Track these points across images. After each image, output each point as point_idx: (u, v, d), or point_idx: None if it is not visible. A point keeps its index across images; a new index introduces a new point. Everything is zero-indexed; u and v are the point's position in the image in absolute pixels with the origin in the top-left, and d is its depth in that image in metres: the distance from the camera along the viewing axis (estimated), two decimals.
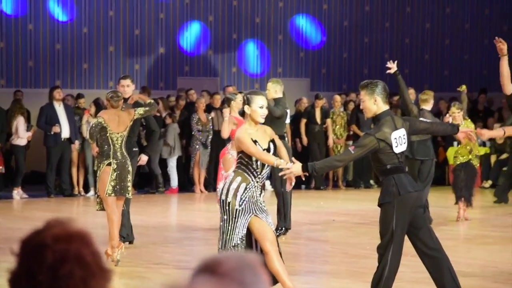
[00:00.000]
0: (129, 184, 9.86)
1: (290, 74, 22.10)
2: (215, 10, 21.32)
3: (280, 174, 7.19)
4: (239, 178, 7.29)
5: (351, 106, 19.25)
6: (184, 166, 18.27)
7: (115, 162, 9.70)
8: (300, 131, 18.45)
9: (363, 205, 15.60)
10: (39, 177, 18.80)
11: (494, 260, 9.68)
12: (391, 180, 6.69)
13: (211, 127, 17.91)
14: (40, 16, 19.71)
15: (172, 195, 17.73)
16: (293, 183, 7.10)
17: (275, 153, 7.45)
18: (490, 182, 18.25)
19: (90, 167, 17.19)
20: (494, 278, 8.72)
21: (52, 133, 16.67)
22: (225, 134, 11.10)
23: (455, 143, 18.57)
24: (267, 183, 17.08)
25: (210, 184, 17.90)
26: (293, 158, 7.16)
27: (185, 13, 21.10)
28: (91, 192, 17.15)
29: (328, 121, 18.71)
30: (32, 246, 2.35)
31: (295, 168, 6.89)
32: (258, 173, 7.29)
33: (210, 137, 17.87)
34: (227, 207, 7.27)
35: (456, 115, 12.45)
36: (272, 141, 7.42)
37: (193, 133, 17.83)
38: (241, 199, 7.24)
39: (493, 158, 18.59)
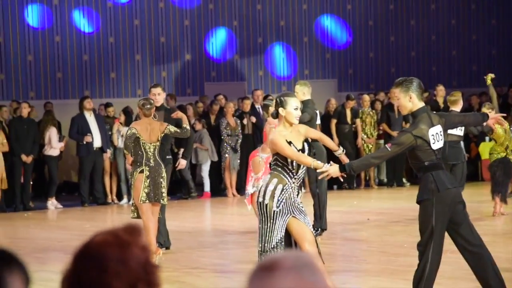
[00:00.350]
0: (164, 190, 9.93)
1: (318, 76, 22.09)
2: (239, 15, 21.36)
3: (319, 177, 7.21)
4: (275, 180, 7.29)
5: (378, 105, 19.19)
6: (216, 171, 18.31)
7: (148, 169, 9.80)
8: (330, 132, 18.42)
9: (397, 204, 15.55)
10: (71, 187, 18.95)
11: None
12: (429, 177, 6.66)
13: (240, 131, 17.95)
14: (66, 28, 19.86)
15: (205, 200, 17.78)
16: (341, 179, 7.09)
17: (310, 153, 7.45)
18: None
19: (122, 175, 17.30)
20: None
21: (84, 143, 16.79)
22: None
23: (487, 138, 18.48)
24: None
25: (242, 187, 17.92)
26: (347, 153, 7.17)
27: (210, 19, 21.16)
28: (125, 200, 17.25)
29: (358, 121, 18.69)
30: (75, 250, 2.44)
31: (333, 169, 6.89)
32: (294, 174, 7.29)
33: (240, 141, 17.92)
34: (264, 209, 7.27)
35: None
36: (306, 140, 7.42)
37: (222, 137, 17.89)
38: (278, 200, 7.24)
39: None
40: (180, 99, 19.71)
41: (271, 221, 7.24)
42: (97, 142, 16.96)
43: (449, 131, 10.11)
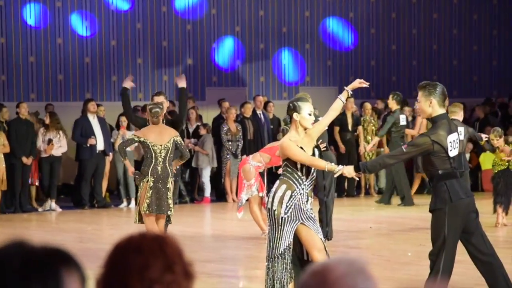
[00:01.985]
0: (170, 201, 9.64)
1: (318, 83, 22.10)
2: (241, 21, 21.36)
3: (335, 175, 7.25)
4: (284, 186, 7.28)
5: (373, 114, 19.14)
6: (216, 176, 18.32)
7: (152, 179, 9.52)
8: (335, 139, 18.38)
9: (397, 212, 15.55)
10: (68, 190, 18.89)
11: None
12: (443, 186, 6.66)
13: (241, 136, 17.94)
14: (68, 30, 19.85)
15: (205, 205, 17.76)
16: (357, 178, 7.28)
17: (320, 158, 7.47)
18: None
19: (121, 179, 17.28)
20: None
21: (88, 145, 16.76)
22: None
23: None
24: None
25: None
26: None
27: (212, 25, 21.15)
28: (124, 204, 17.24)
29: (360, 128, 18.66)
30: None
31: (347, 169, 6.93)
32: (304, 180, 7.27)
33: (241, 146, 17.91)
34: (273, 215, 7.26)
35: (496, 142, 12.67)
36: (317, 147, 7.42)
37: (222, 143, 17.88)
38: (286, 206, 7.22)
39: None
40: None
41: (279, 227, 7.22)
42: (100, 145, 16.95)
43: None
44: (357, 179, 7.29)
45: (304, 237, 7.24)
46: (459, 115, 12.44)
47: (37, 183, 16.93)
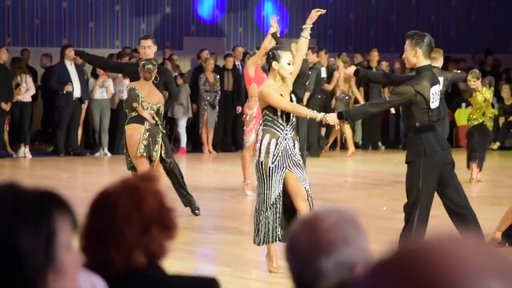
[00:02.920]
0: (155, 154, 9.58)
1: (297, 35, 22.00)
2: None
3: (324, 123, 7.27)
4: (267, 136, 7.23)
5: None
6: (193, 127, 18.29)
7: (148, 124, 9.38)
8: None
9: (373, 167, 15.64)
10: (43, 137, 18.80)
11: None
12: (418, 139, 6.71)
13: (219, 87, 17.86)
14: None
15: (181, 155, 17.73)
16: (338, 126, 7.36)
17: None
18: (498, 143, 18.28)
19: (98, 127, 17.22)
20: None
21: (64, 92, 16.63)
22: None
23: (463, 104, 18.60)
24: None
25: (218, 144, 17.97)
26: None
27: None
28: (99, 152, 17.22)
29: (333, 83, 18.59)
30: None
31: (330, 116, 6.94)
32: (285, 126, 7.24)
33: (218, 97, 17.85)
34: (260, 167, 7.21)
35: (472, 83, 12.56)
36: (293, 92, 7.39)
37: (200, 93, 17.81)
38: (274, 155, 7.18)
39: (501, 120, 18.59)
40: (159, 52, 19.55)
41: (268, 177, 7.18)
42: (77, 92, 16.83)
43: None
44: (338, 127, 7.34)
45: (290, 186, 7.23)
46: (438, 61, 12.30)
47: (7, 129, 16.73)
